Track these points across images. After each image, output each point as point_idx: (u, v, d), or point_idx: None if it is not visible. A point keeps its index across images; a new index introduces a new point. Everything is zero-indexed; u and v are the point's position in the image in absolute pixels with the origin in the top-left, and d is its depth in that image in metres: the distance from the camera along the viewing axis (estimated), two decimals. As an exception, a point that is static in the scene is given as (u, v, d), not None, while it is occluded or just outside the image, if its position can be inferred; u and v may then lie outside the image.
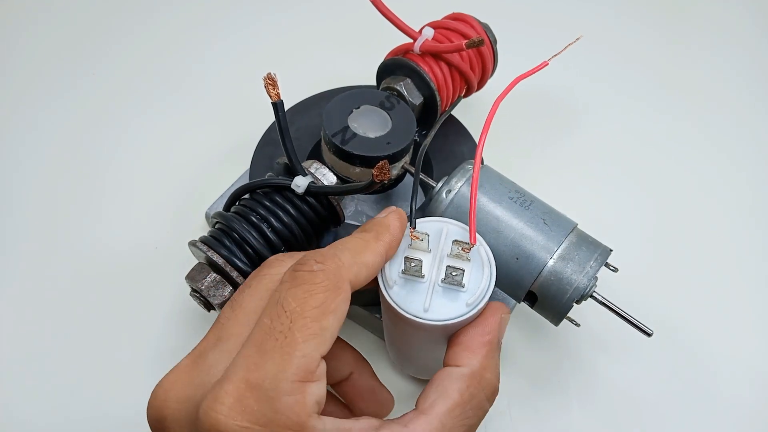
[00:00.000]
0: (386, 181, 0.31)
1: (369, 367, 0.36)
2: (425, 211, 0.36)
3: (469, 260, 0.30)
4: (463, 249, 0.30)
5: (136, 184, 0.50)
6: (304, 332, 0.25)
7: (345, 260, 0.27)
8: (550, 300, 0.34)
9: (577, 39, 0.35)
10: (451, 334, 0.30)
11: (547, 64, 0.33)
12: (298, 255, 0.29)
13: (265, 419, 0.23)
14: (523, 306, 0.36)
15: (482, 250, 0.31)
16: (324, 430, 0.24)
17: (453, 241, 0.30)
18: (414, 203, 0.32)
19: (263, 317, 0.26)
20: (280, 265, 0.30)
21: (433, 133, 0.37)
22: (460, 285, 0.29)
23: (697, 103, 0.58)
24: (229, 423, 0.23)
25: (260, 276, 0.30)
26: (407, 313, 0.29)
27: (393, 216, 0.30)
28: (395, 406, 0.37)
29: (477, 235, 0.30)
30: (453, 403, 0.27)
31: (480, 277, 0.30)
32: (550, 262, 0.33)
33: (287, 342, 0.24)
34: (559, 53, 0.33)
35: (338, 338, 0.35)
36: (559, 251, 0.33)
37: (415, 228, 0.30)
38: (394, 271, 0.30)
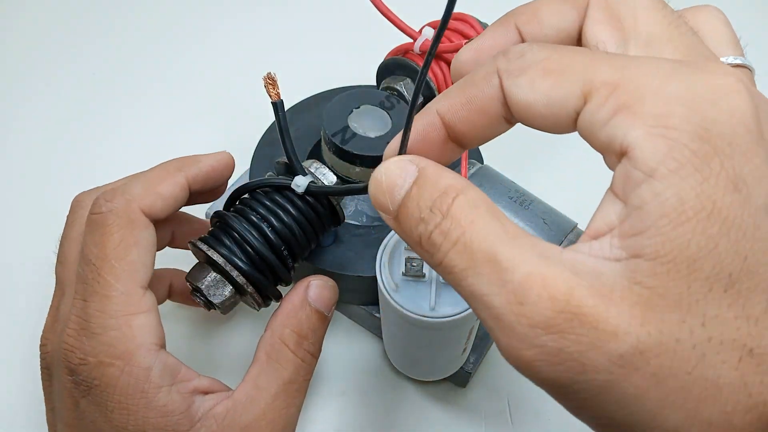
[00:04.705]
0: (386, 181, 0.31)
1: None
2: (425, 210, 0.36)
3: None
4: None
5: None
6: (114, 273, 0.27)
7: (136, 192, 0.29)
8: (549, 299, 0.34)
9: None
10: (459, 331, 0.31)
11: None
12: (104, 188, 0.31)
13: (96, 352, 0.27)
14: (523, 306, 0.36)
15: None
16: (151, 361, 0.27)
17: None
18: None
19: (78, 267, 0.29)
20: (85, 208, 0.31)
21: None
22: None
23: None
24: (73, 358, 0.27)
25: (71, 223, 0.31)
26: (414, 314, 0.29)
27: (214, 154, 0.32)
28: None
29: None
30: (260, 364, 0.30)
31: None
32: (550, 262, 0.33)
33: (101, 285, 0.27)
34: None
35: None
36: (558, 251, 0.33)
37: None
38: (395, 274, 0.30)
